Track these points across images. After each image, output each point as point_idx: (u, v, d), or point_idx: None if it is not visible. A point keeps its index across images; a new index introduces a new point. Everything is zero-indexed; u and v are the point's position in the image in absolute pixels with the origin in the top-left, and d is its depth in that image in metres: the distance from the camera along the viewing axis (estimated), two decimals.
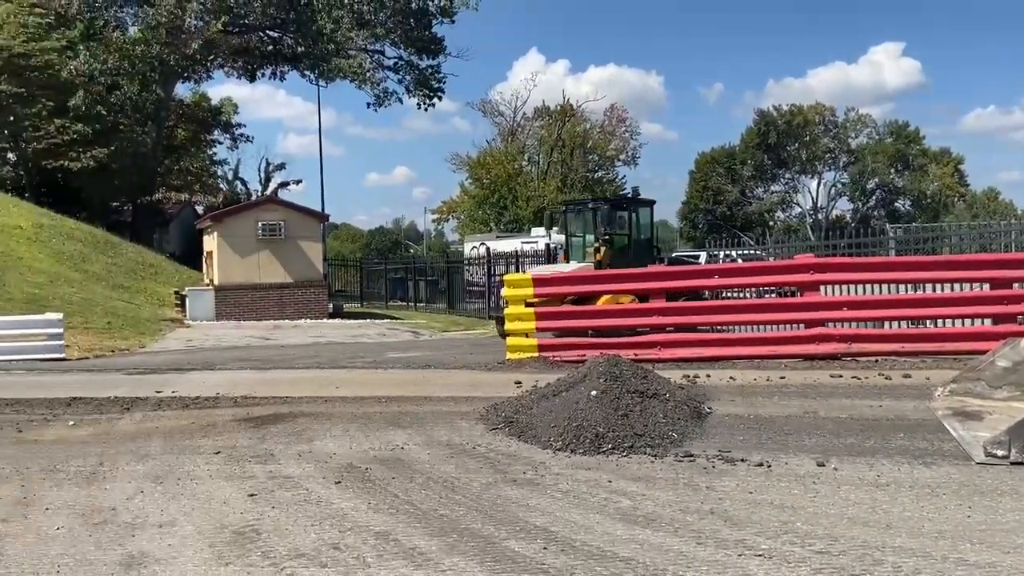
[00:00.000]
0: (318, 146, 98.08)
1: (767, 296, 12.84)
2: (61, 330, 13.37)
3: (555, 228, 20.06)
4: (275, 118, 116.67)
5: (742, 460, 5.61)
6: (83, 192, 34.33)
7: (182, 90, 42.31)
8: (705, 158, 65.73)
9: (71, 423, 7.67)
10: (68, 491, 5.27)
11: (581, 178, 51.95)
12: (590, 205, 16.98)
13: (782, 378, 8.69)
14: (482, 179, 48.62)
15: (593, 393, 6.30)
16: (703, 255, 30.49)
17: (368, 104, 40.76)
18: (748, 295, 12.80)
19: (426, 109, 40.90)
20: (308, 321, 22.02)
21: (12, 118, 31.33)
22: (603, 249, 15.82)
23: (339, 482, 5.33)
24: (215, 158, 48.45)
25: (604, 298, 14.55)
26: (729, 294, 13.14)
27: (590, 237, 16.27)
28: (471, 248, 28.22)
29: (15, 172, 33.79)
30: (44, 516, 4.74)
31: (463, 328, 20.98)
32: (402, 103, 41.16)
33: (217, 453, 6.24)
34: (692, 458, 5.70)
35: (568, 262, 16.33)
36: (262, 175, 54.76)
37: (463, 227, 51.68)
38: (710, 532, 4.23)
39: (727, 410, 7.13)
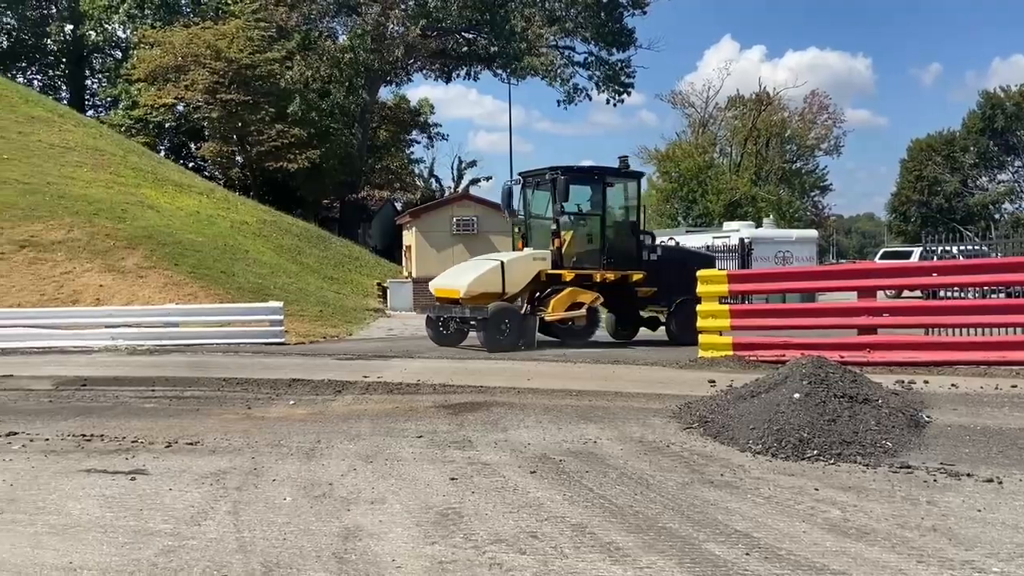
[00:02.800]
0: (508, 143, 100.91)
1: (993, 296, 11.65)
2: (282, 317, 14.66)
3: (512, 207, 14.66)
4: (467, 117, 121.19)
5: (968, 475, 5.12)
6: (299, 191, 37.48)
7: (384, 94, 45.04)
8: (919, 145, 60.49)
9: (291, 402, 8.39)
10: (291, 465, 5.75)
11: (777, 169, 49.69)
12: (547, 176, 13.46)
13: (1014, 387, 7.85)
14: (670, 172, 47.80)
15: (796, 396, 6.00)
16: (916, 251, 28.19)
17: (558, 102, 41.35)
18: (971, 295, 11.66)
19: (615, 104, 40.82)
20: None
21: (240, 124, 34.75)
22: (566, 234, 13.14)
23: (534, 472, 5.43)
24: (412, 157, 51.17)
25: (562, 295, 12.64)
26: (947, 294, 12.05)
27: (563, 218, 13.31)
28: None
29: (242, 173, 37.45)
30: (271, 487, 5.20)
31: None
32: (591, 100, 41.39)
33: (420, 437, 6.56)
34: (910, 470, 5.27)
35: (524, 249, 13.67)
36: (455, 172, 57.16)
37: (649, 221, 50.99)
38: (933, 550, 3.89)
39: (949, 420, 6.54)
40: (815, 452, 5.57)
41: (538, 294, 12.96)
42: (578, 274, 13.05)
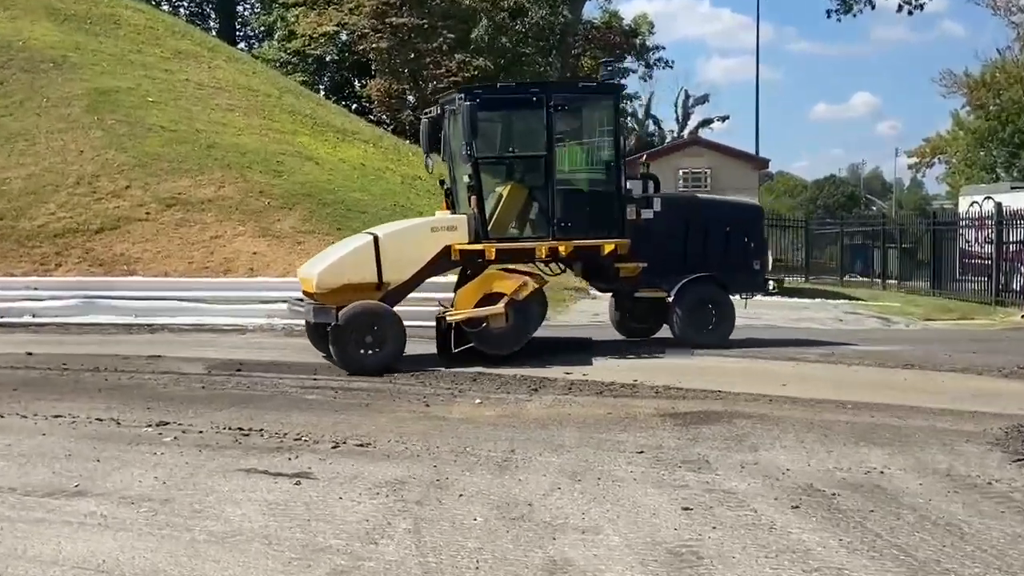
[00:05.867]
0: (753, 71, 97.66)
1: None
2: None
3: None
4: (696, 37, 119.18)
5: None
6: None
7: (590, 9, 45.14)
8: None
9: (477, 401, 8.72)
10: (480, 477, 5.98)
11: None
12: (457, 100, 11.29)
13: None
14: (987, 106, 44.32)
15: None
16: None
17: (828, 12, 39.41)
18: None
19: (911, 12, 38.30)
20: (736, 296, 22.14)
21: (413, 55, 36.23)
22: (502, 188, 11.45)
23: (796, 507, 5.32)
24: (625, 92, 50.96)
25: (470, 284, 10.94)
26: None
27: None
28: (969, 204, 26.05)
29: (415, 116, 39.08)
30: (458, 503, 5.43)
31: (956, 316, 19.51)
32: (873, 8, 39.08)
33: (640, 452, 6.60)
34: None
35: (451, 212, 11.81)
36: (679, 111, 56.45)
37: (955, 174, 47.87)
38: None
39: None
40: None
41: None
42: (504, 249, 11.19)
